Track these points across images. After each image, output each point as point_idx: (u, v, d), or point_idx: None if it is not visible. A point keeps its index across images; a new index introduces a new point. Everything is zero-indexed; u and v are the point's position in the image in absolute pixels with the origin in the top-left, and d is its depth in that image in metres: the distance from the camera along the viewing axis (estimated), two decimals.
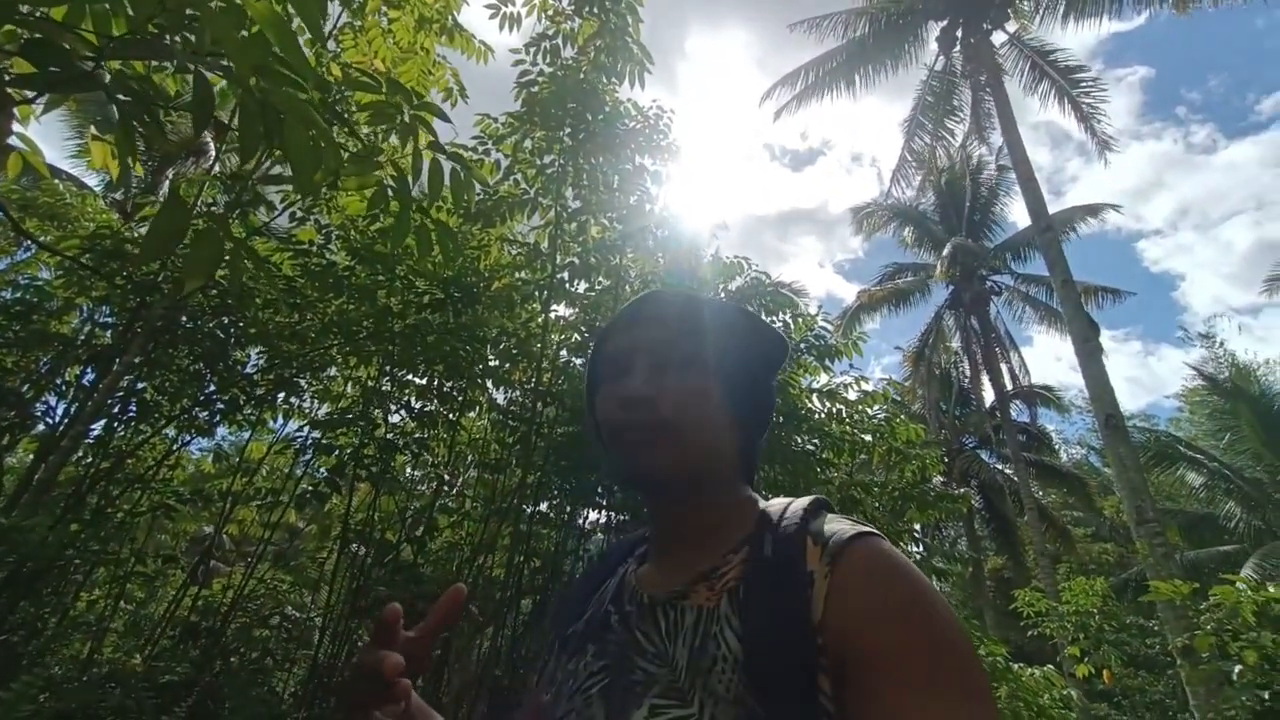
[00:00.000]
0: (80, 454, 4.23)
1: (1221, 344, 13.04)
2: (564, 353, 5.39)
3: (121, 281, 3.63)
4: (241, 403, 4.36)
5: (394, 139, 1.31)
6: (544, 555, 5.41)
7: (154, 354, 3.89)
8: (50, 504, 3.82)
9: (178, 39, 0.96)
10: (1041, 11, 10.66)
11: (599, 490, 5.19)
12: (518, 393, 5.43)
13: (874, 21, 11.42)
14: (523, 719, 0.74)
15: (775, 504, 0.73)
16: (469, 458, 5.80)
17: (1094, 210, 13.54)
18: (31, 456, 4.24)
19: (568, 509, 5.78)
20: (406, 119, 1.21)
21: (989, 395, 16.17)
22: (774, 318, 5.00)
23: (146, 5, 0.82)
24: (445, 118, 1.31)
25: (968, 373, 16.39)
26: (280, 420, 5.34)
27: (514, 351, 4.80)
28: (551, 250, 4.57)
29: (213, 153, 8.49)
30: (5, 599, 3.74)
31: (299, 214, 4.09)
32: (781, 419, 4.93)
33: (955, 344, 16.67)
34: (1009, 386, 15.50)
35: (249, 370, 4.59)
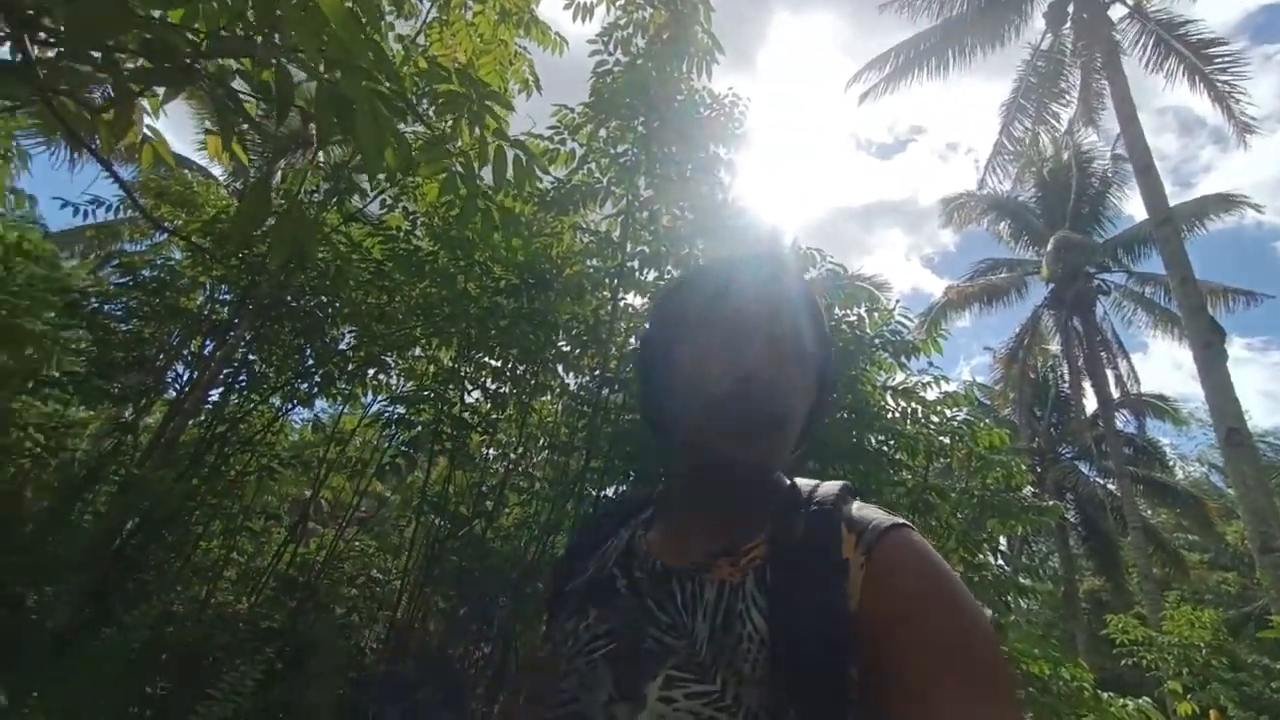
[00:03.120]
0: (200, 418, 4.74)
1: None
2: (632, 340, 5.46)
3: (236, 262, 4.02)
4: (336, 376, 4.73)
5: (464, 127, 1.40)
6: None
7: (262, 329, 4.29)
8: (176, 461, 4.31)
9: (266, 37, 1.08)
10: None
11: (661, 478, 5.24)
12: (587, 378, 5.57)
13: None
14: (522, 673, 0.77)
15: (803, 484, 0.73)
16: (540, 440, 6.01)
17: (1226, 202, 12.11)
18: (160, 418, 4.79)
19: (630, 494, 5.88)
20: (475, 108, 1.30)
21: (1091, 403, 14.91)
22: (849, 311, 4.84)
23: (236, 4, 0.94)
24: (509, 106, 1.38)
25: (1067, 377, 15.16)
26: (370, 395, 5.76)
27: (584, 338, 4.93)
28: (623, 238, 4.64)
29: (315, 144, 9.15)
30: (137, 542, 4.27)
31: (389, 201, 4.37)
32: (853, 415, 4.78)
33: (1054, 346, 15.46)
34: (1115, 394, 14.22)
35: (342, 347, 4.96)
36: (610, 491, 5.76)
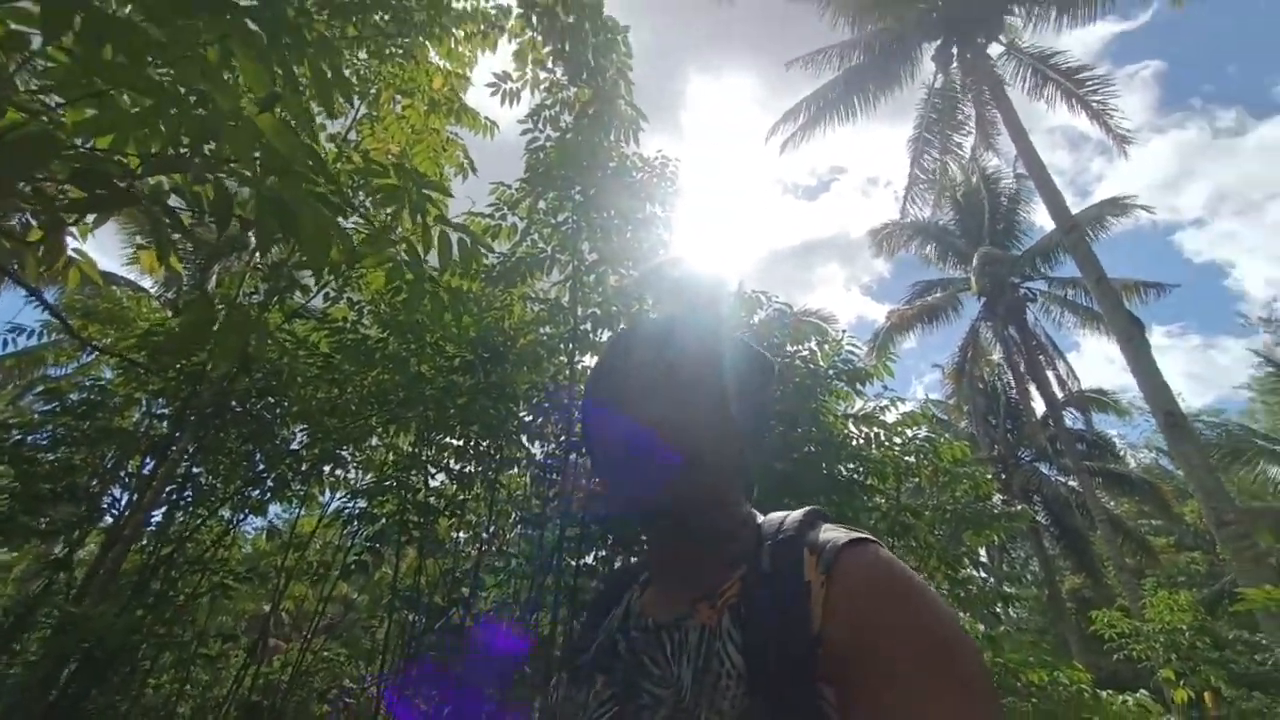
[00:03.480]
0: (143, 542, 4.42)
1: None
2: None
3: (173, 374, 3.87)
4: (290, 478, 4.52)
5: (405, 217, 1.43)
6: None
7: (206, 439, 4.10)
8: (117, 592, 3.98)
9: (198, 152, 1.09)
10: (1034, 20, 10.77)
11: (641, 538, 5.14)
12: (552, 445, 5.49)
13: (868, 49, 11.68)
14: None
15: (773, 518, 0.73)
16: (511, 515, 5.84)
17: (1119, 206, 13.23)
18: (97, 548, 4.45)
19: (614, 559, 5.73)
20: (414, 198, 1.33)
21: (1039, 406, 15.55)
22: (800, 346, 4.99)
23: (173, 128, 0.95)
24: (447, 193, 1.42)
25: (1013, 384, 15.84)
26: (328, 493, 5.51)
27: (545, 404, 4.89)
28: (572, 303, 4.70)
29: (253, 246, 9.06)
30: (78, 686, 3.88)
31: (332, 294, 4.33)
32: (819, 448, 4.85)
33: (996, 356, 16.19)
34: (1059, 394, 14.90)
35: (295, 447, 4.77)
36: (589, 559, 5.60)
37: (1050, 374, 14.81)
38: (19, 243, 1.09)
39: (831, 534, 0.66)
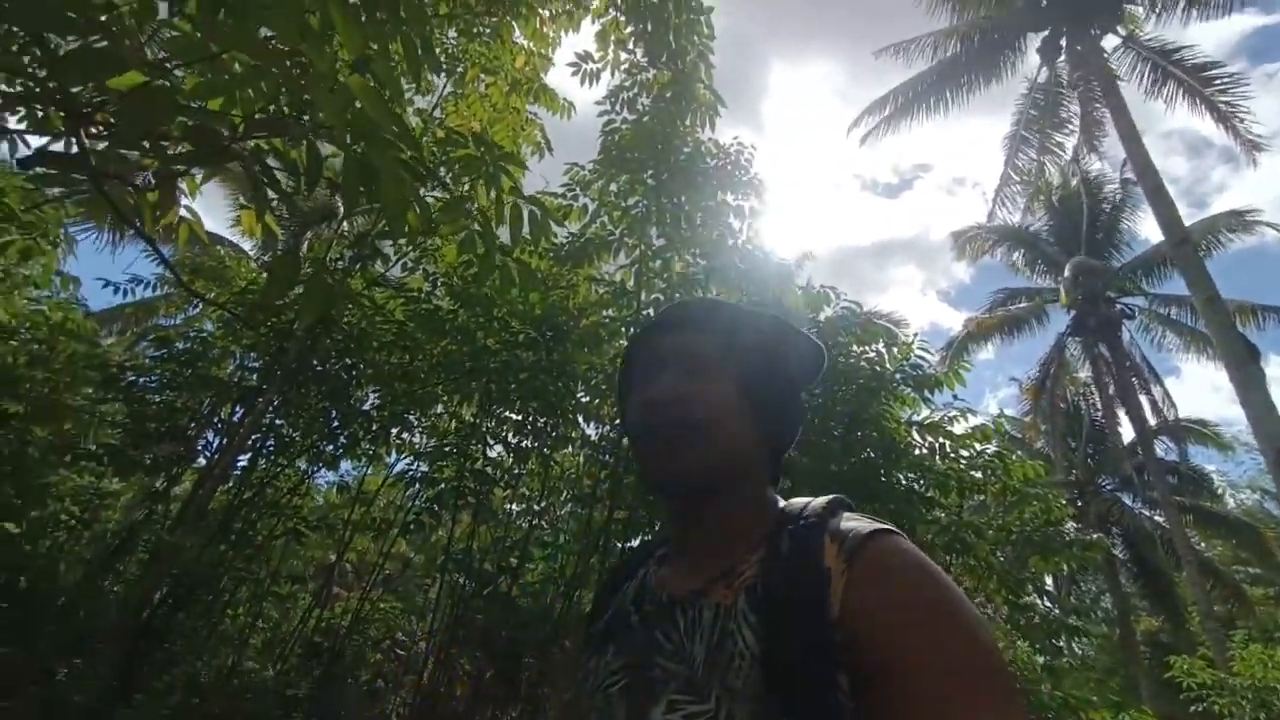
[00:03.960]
0: (228, 484, 4.81)
1: None
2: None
3: (265, 330, 4.16)
4: (361, 437, 4.79)
5: (481, 190, 1.48)
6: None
7: (289, 394, 4.39)
8: (205, 528, 4.36)
9: (296, 118, 1.17)
10: (1159, 10, 9.85)
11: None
12: (607, 428, 5.57)
13: (965, 40, 11.02)
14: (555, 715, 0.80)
15: (794, 503, 0.73)
16: (563, 492, 5.97)
17: (1240, 220, 11.99)
18: (190, 486, 4.87)
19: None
20: (491, 169, 1.37)
21: (1127, 432, 14.42)
22: (867, 348, 4.82)
23: (272, 88, 1.02)
24: (523, 166, 1.45)
25: (1099, 406, 14.74)
26: (394, 455, 5.80)
27: (602, 387, 4.96)
28: (637, 287, 4.72)
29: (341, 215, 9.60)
30: (166, 611, 4.28)
31: (410, 265, 4.53)
32: (878, 453, 4.69)
33: (1083, 374, 15.10)
34: (1152, 421, 13.76)
35: (366, 408, 5.05)
36: (635, 543, 5.65)
37: (1144, 398, 13.69)
38: (139, 196, 1.20)
39: (854, 523, 0.66)
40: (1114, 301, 13.80)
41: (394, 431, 5.36)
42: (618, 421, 5.92)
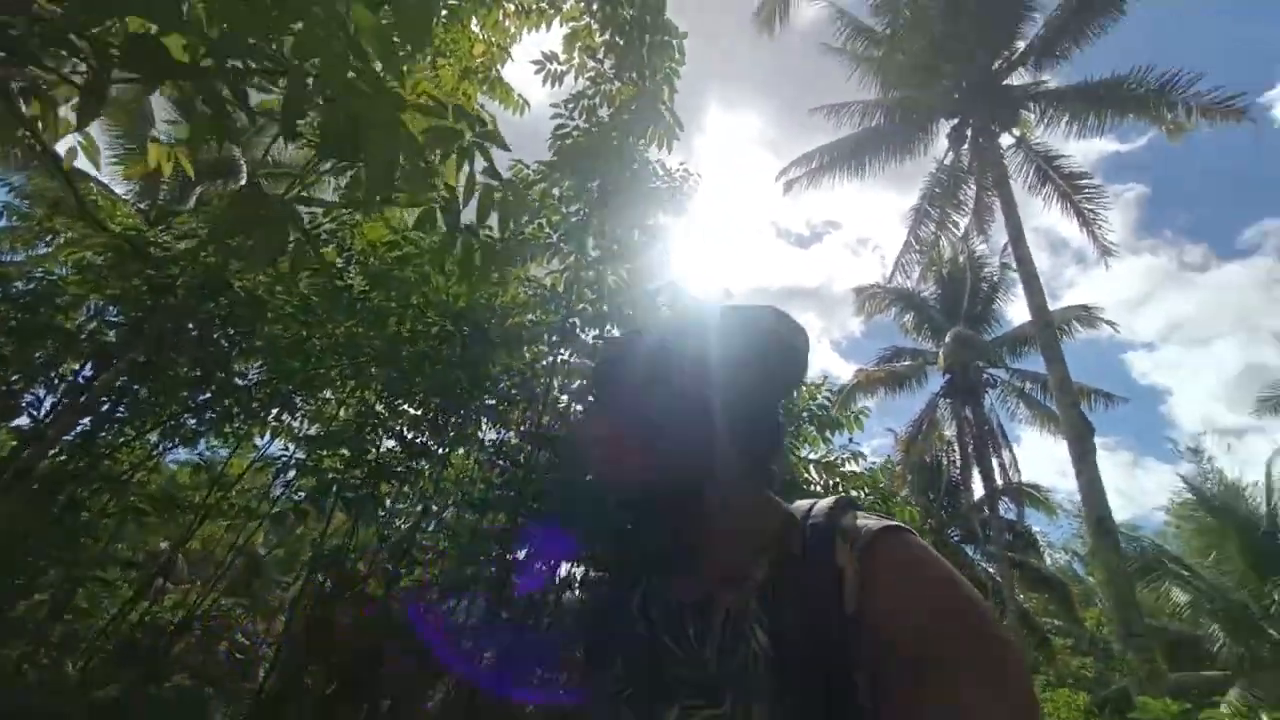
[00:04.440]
0: (58, 451, 4.12)
1: (1210, 461, 13.02)
2: (564, 397, 5.36)
3: (138, 282, 3.64)
4: (235, 414, 4.29)
5: (451, 164, 1.35)
6: (516, 604, 5.21)
7: (156, 357, 3.85)
8: (22, 494, 3.69)
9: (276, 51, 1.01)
10: (1047, 120, 11.25)
11: (585, 542, 5.06)
12: (512, 434, 5.37)
13: (889, 113, 12.02)
14: None
15: (800, 505, 0.73)
16: (452, 495, 5.67)
17: (1089, 313, 13.89)
18: (12, 445, 4.12)
19: (550, 559, 5.62)
20: (466, 144, 1.25)
21: (978, 489, 16.05)
22: None
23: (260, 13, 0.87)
24: (505, 146, 1.35)
25: (959, 463, 16.32)
26: (267, 437, 5.25)
27: (513, 391, 4.78)
28: (567, 294, 4.63)
29: (244, 175, 8.73)
30: None
31: (324, 236, 4.16)
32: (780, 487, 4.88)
33: (949, 432, 16.66)
34: (999, 482, 15.41)
35: (246, 383, 4.54)
36: (521, 554, 5.47)
37: (995, 460, 15.32)
38: (43, 105, 0.98)
39: (864, 520, 0.65)
40: (982, 370, 15.40)
41: (274, 412, 4.87)
42: (524, 428, 5.78)
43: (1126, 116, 10.36)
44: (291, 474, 4.74)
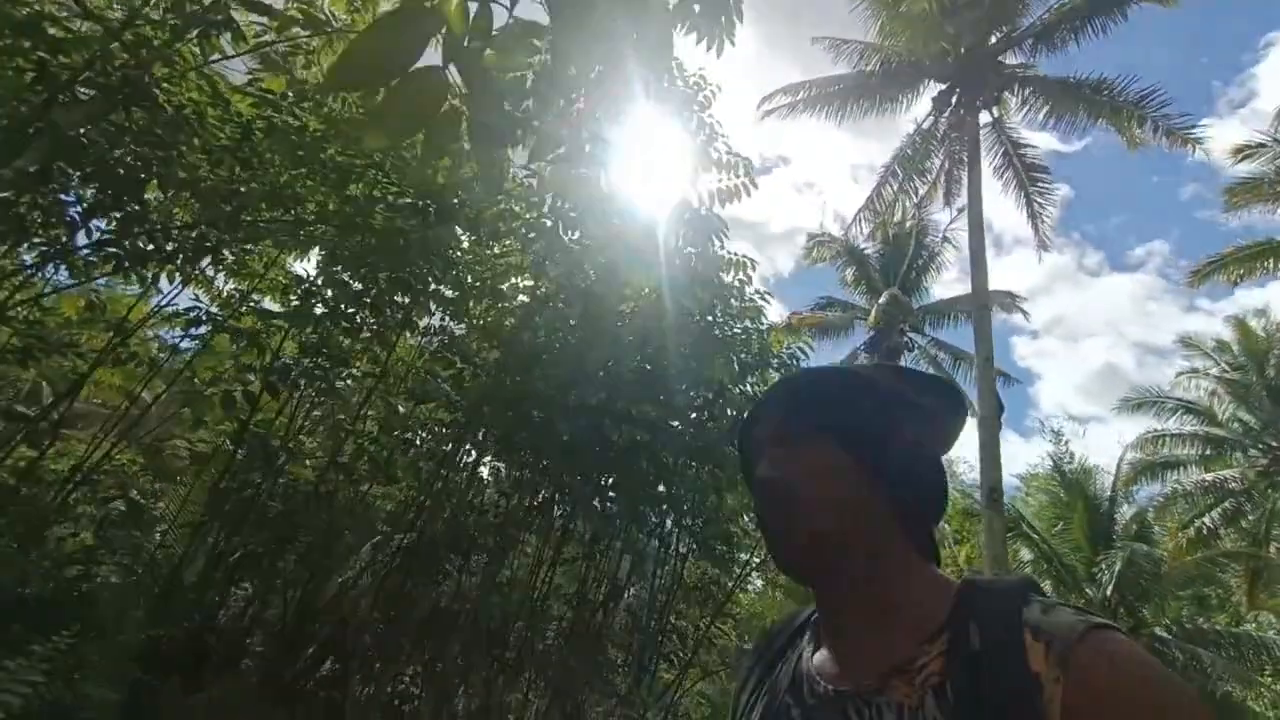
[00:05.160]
0: None
1: (1067, 443, 14.69)
2: (523, 298, 5.06)
3: (30, 62, 2.91)
4: (148, 250, 3.69)
5: None
6: (451, 502, 5.11)
7: (52, 166, 3.17)
8: None
9: None
10: (1025, 108, 11.34)
11: (525, 446, 4.97)
12: (463, 326, 5.04)
13: (885, 61, 11.65)
14: None
15: (976, 584, 0.67)
16: (394, 381, 5.34)
17: (1010, 298, 14.81)
18: None
19: (485, 459, 5.50)
20: None
21: None
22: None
23: None
24: None
25: None
26: (178, 283, 4.63)
27: (475, 284, 4.43)
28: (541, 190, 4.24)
29: None
30: None
31: (275, 56, 3.48)
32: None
33: None
34: None
35: (165, 221, 3.90)
36: (468, 449, 5.32)
37: None
38: None
39: (1061, 616, 0.58)
40: (904, 333, 16.21)
41: (190, 258, 4.26)
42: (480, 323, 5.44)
43: (1098, 119, 10.60)
44: (205, 328, 4.27)
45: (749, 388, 4.80)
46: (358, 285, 4.53)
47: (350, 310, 4.50)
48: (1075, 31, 10.48)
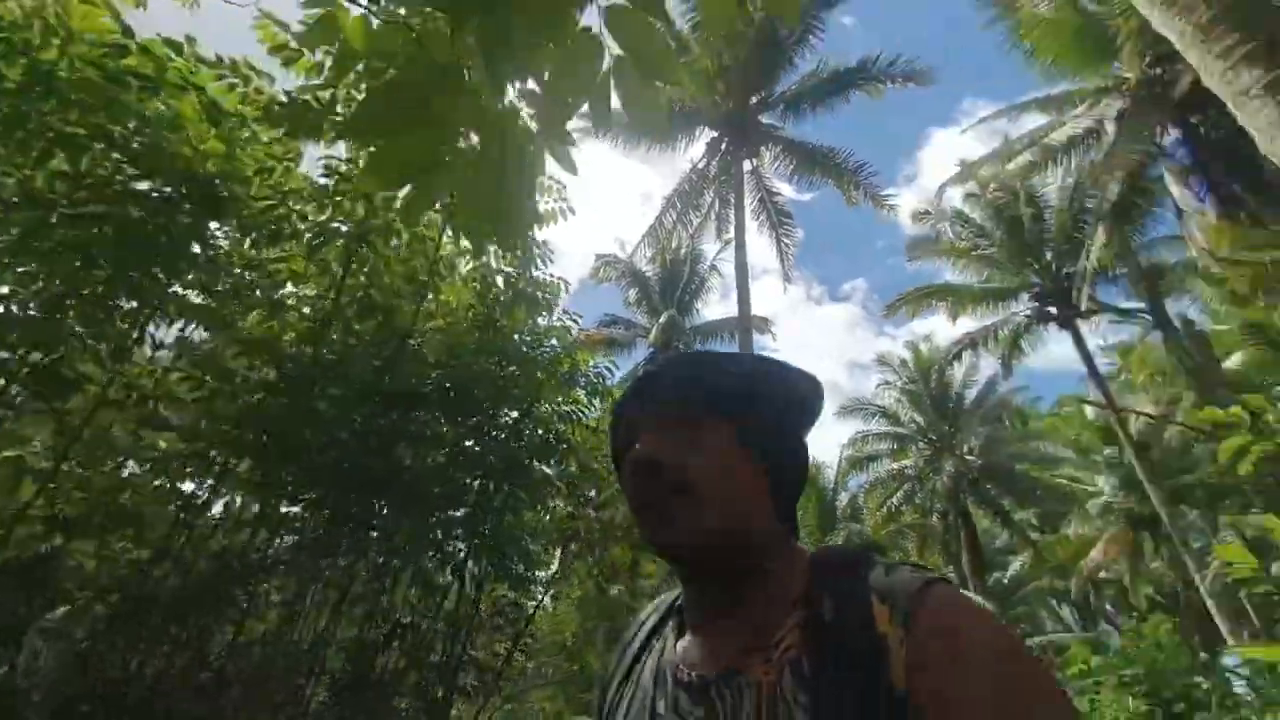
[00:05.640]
0: None
1: None
2: (307, 309, 4.40)
3: None
4: None
5: None
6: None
7: None
8: None
9: None
10: (776, 161, 13.42)
11: (294, 476, 4.32)
12: (223, 338, 4.20)
13: (674, 104, 12.75)
14: None
15: (825, 555, 0.68)
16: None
17: (766, 324, 17.24)
18: None
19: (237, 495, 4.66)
20: None
21: None
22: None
23: None
24: None
25: None
26: None
27: (244, 291, 3.74)
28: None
29: None
30: None
31: None
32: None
33: None
34: None
35: None
36: (215, 486, 4.40)
37: None
38: None
39: (900, 575, 0.60)
40: (678, 350, 17.78)
41: None
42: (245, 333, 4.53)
43: (826, 180, 13.01)
44: None
45: (556, 406, 4.82)
46: (58, 285, 3.51)
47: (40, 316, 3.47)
48: (814, 105, 12.73)
